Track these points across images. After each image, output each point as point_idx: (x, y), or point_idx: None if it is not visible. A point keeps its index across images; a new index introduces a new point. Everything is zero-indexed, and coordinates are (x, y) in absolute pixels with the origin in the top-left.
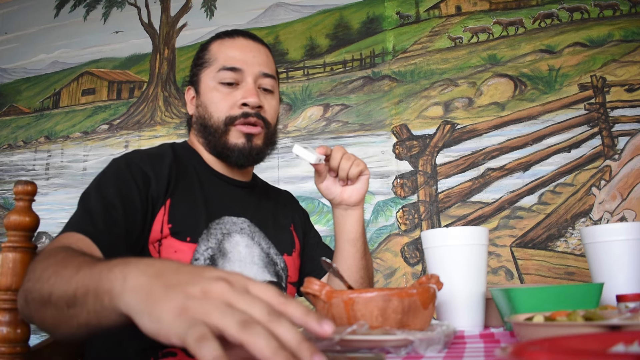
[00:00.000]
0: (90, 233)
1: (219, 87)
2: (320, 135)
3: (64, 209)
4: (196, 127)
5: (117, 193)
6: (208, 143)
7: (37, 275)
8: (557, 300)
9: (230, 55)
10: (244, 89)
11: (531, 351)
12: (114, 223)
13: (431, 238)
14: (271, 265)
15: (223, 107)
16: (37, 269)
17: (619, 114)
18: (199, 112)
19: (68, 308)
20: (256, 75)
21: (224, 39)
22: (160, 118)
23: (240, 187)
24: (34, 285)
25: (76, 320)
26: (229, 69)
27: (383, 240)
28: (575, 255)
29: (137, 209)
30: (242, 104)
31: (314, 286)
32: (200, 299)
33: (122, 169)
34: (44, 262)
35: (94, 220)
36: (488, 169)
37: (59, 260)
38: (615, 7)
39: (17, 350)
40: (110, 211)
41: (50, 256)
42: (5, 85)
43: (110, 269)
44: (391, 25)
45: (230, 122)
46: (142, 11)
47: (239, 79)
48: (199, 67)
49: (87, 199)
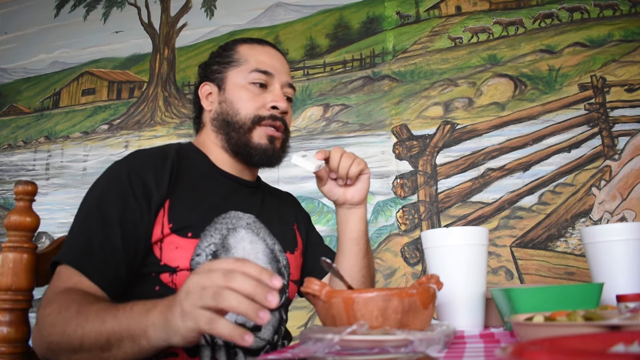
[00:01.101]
0: (90, 273)
1: (249, 86)
2: (320, 136)
3: (64, 209)
4: (216, 122)
5: (118, 215)
6: (229, 139)
7: (60, 330)
8: (557, 300)
9: (262, 59)
10: (274, 93)
11: (531, 351)
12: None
13: (431, 238)
14: (274, 262)
15: (252, 106)
16: (57, 324)
17: (619, 114)
18: (222, 108)
19: (102, 352)
20: (283, 82)
21: (252, 44)
22: (160, 118)
23: (246, 187)
24: (61, 339)
25: (113, 359)
26: (262, 71)
27: (383, 240)
28: (575, 255)
29: (138, 227)
30: (272, 107)
31: (313, 286)
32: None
33: (123, 182)
34: (60, 315)
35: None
36: (488, 169)
37: (74, 313)
38: (615, 7)
39: (17, 350)
40: (111, 238)
41: (62, 307)
42: (5, 85)
43: (137, 321)
44: (391, 25)
45: (258, 122)
46: (142, 11)
47: (268, 82)
48: (225, 65)
49: (88, 217)
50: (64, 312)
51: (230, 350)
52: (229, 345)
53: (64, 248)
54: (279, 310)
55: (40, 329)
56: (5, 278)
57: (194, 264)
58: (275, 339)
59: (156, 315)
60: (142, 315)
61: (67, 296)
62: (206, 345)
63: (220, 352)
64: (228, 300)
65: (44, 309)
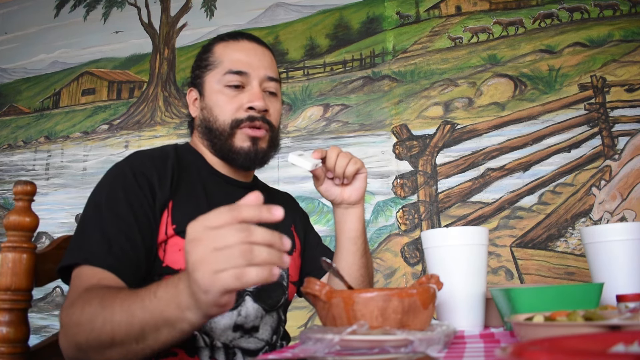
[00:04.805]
0: (112, 267)
1: (225, 90)
2: (320, 136)
3: (64, 209)
4: (200, 129)
5: (130, 211)
6: (213, 145)
7: (87, 328)
8: (557, 300)
9: (236, 58)
10: (250, 92)
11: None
12: (133, 247)
13: (431, 238)
14: None
15: (229, 110)
16: (82, 322)
17: (619, 114)
18: (204, 115)
19: (137, 343)
20: (261, 78)
21: (227, 41)
22: (160, 118)
23: (242, 188)
24: (90, 336)
25: (149, 349)
26: (235, 72)
27: (383, 240)
28: (575, 255)
29: (150, 223)
30: (249, 107)
31: (314, 286)
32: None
33: (129, 180)
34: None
35: (113, 249)
36: (488, 169)
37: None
38: (615, 7)
39: (17, 350)
40: (128, 234)
41: (85, 304)
42: (5, 85)
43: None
44: (391, 25)
45: (236, 125)
46: (142, 11)
47: (244, 82)
48: (203, 69)
49: (99, 217)
50: (87, 308)
51: (229, 351)
52: (228, 346)
53: (75, 251)
54: (278, 310)
55: (66, 331)
56: (5, 278)
57: None
58: (274, 340)
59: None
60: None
61: (89, 294)
62: (205, 347)
63: (219, 353)
64: (262, 255)
65: (67, 309)
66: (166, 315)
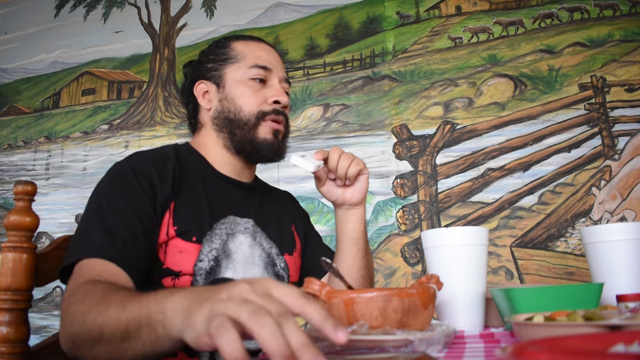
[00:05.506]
0: (114, 258)
1: (250, 82)
2: (320, 136)
3: (64, 209)
4: (217, 121)
5: (131, 206)
6: (232, 137)
7: (81, 319)
8: (557, 300)
9: (259, 55)
10: (274, 88)
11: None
12: (135, 240)
13: (431, 238)
14: (271, 266)
15: (255, 102)
16: (78, 312)
17: (619, 114)
18: (224, 106)
19: (122, 342)
20: (280, 78)
21: (247, 40)
22: (160, 118)
23: (243, 189)
24: (81, 328)
25: (132, 351)
26: (261, 67)
27: (383, 240)
28: (575, 255)
29: (152, 219)
30: (274, 101)
31: (314, 286)
32: (225, 300)
33: (129, 178)
34: (82, 304)
35: (115, 241)
36: (488, 169)
37: (97, 300)
38: (615, 7)
39: (17, 350)
40: (129, 227)
41: (86, 296)
42: (5, 85)
43: (158, 302)
44: (391, 25)
45: (262, 117)
46: (142, 11)
47: (267, 78)
48: (221, 62)
49: (102, 216)
50: (87, 299)
51: None
52: None
53: (78, 246)
54: None
55: (64, 321)
56: (5, 278)
57: (197, 270)
58: None
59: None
60: (165, 296)
61: (91, 285)
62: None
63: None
64: (263, 331)
65: (66, 300)
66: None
